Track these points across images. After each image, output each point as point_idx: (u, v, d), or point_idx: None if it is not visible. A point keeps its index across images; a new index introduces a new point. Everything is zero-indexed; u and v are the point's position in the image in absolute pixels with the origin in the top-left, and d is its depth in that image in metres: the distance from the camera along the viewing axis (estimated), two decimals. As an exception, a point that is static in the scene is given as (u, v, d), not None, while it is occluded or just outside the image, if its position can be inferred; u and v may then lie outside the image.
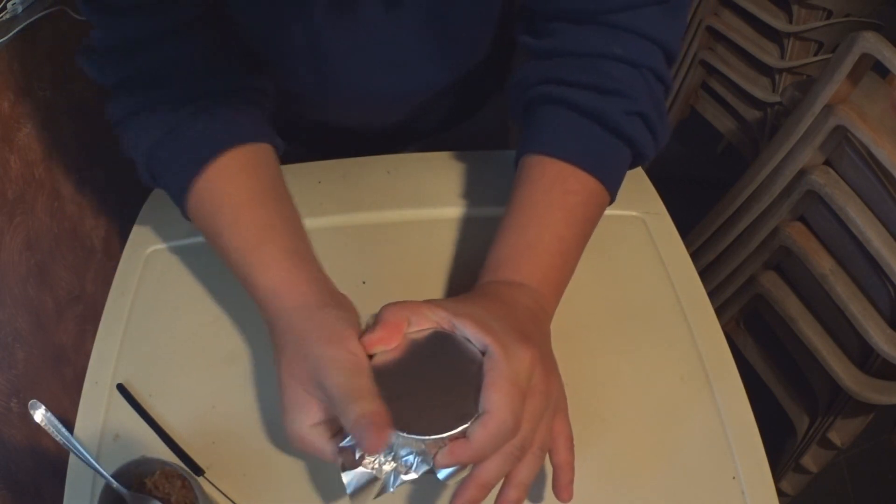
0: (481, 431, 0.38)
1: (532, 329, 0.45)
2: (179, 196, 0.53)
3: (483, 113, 0.81)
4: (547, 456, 0.44)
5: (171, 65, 0.52)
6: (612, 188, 0.54)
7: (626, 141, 0.54)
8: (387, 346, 0.42)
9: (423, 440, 0.39)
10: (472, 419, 0.39)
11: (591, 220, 0.54)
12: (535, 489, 0.48)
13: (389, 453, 0.41)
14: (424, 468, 0.41)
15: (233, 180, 0.51)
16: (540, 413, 0.41)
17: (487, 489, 0.40)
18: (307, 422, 0.42)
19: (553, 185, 0.52)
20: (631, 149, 0.54)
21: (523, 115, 0.58)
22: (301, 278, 0.47)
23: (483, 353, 0.41)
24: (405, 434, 0.39)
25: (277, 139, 0.57)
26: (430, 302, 0.44)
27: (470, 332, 0.42)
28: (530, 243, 0.50)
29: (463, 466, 0.40)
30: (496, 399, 0.39)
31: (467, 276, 0.60)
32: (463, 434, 0.39)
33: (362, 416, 0.37)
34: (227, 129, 0.53)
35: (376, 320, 0.43)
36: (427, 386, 0.41)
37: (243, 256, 0.49)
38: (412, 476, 0.41)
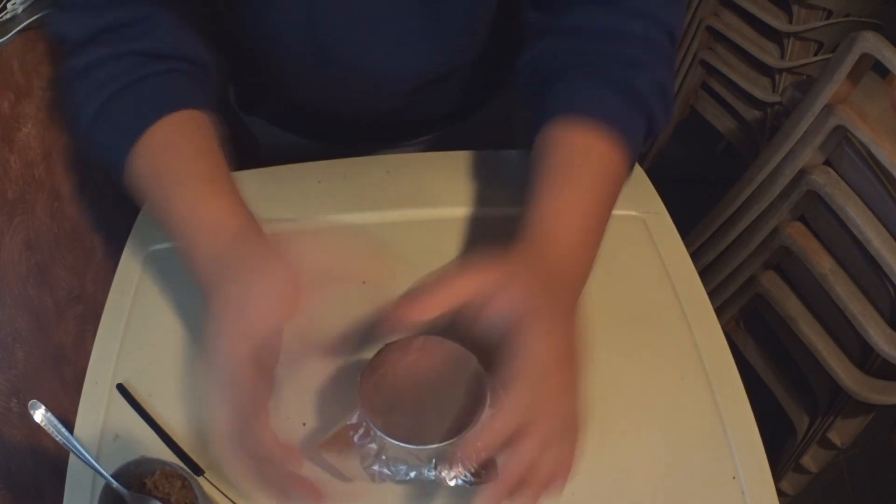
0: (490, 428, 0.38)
1: (562, 314, 0.45)
2: (119, 162, 0.53)
3: (485, 112, 0.81)
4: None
5: (134, 25, 0.54)
6: (632, 160, 0.55)
7: (646, 113, 0.55)
8: (425, 317, 0.40)
9: (420, 450, 0.39)
10: (467, 429, 0.39)
11: (620, 185, 0.54)
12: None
13: (384, 462, 0.41)
14: (428, 475, 0.41)
15: (172, 139, 0.52)
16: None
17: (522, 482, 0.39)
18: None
19: (590, 147, 0.52)
20: (649, 122, 0.55)
21: (542, 87, 0.57)
22: (236, 210, 0.50)
23: (499, 348, 0.41)
24: (402, 444, 0.39)
25: (218, 115, 0.57)
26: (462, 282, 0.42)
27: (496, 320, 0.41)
28: (571, 200, 0.50)
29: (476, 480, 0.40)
30: (514, 392, 0.39)
31: (467, 276, 0.60)
32: (455, 444, 0.39)
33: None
34: (171, 96, 0.54)
35: (423, 287, 0.41)
36: (422, 395, 0.41)
37: (190, 199, 0.50)
38: (412, 474, 0.41)
